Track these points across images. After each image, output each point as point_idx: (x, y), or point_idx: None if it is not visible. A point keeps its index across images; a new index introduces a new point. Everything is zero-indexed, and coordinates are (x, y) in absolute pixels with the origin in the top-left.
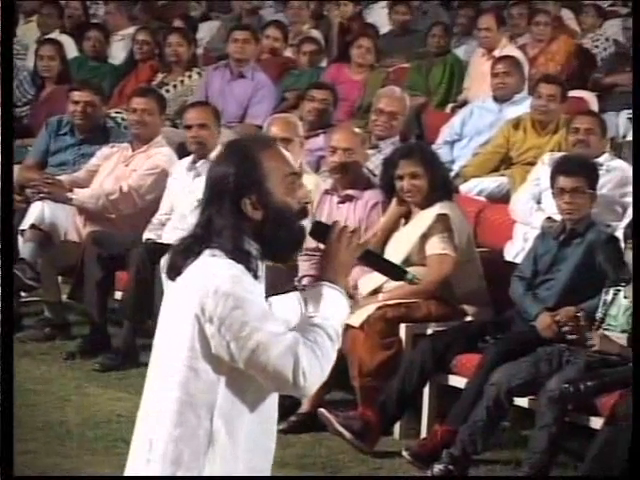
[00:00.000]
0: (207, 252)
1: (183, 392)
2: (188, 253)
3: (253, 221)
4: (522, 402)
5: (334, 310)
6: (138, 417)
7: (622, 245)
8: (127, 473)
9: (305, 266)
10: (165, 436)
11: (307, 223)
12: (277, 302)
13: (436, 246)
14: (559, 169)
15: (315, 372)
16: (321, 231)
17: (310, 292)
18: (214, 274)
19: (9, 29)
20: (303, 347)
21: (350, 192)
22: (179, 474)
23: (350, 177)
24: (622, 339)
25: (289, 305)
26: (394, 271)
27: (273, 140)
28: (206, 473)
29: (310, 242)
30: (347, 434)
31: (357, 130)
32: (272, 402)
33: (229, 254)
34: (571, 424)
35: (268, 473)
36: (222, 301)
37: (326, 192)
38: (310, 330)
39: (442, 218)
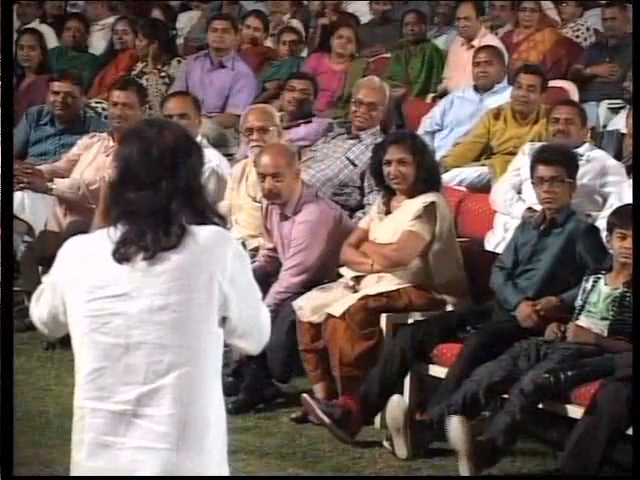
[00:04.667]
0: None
1: (209, 361)
2: (170, 228)
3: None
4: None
5: None
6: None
7: (602, 235)
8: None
9: None
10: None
11: None
12: None
13: (413, 225)
14: (538, 158)
15: None
16: None
17: None
18: (229, 238)
19: (9, 24)
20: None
21: (286, 213)
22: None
23: (283, 200)
24: (602, 326)
25: None
26: None
27: None
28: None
29: None
30: (328, 421)
31: (284, 147)
32: None
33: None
34: (551, 413)
35: None
36: (240, 263)
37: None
38: None
39: (429, 206)
